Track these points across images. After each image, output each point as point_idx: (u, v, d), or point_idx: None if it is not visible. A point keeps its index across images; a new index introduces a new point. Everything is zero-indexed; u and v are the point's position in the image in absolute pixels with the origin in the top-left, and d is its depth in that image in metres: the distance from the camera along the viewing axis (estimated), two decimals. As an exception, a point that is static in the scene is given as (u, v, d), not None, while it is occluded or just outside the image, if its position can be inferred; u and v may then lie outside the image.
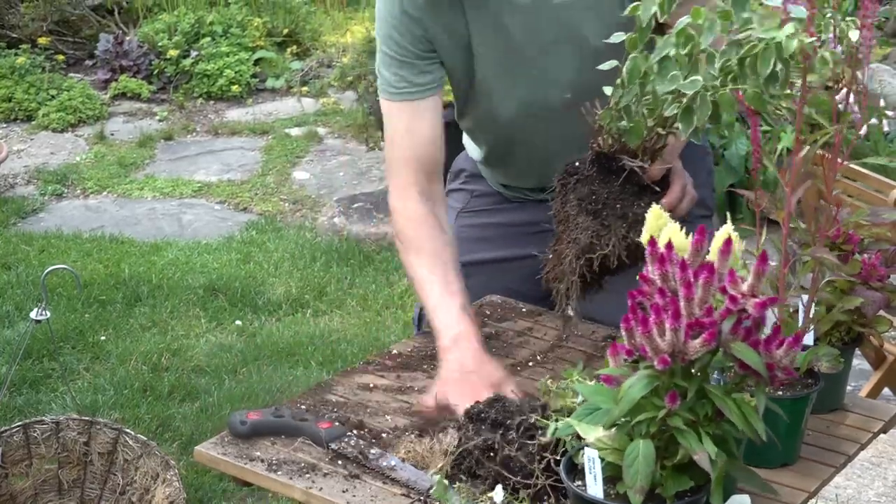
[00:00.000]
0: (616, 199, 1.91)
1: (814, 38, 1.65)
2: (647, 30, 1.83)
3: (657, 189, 1.94)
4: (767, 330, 1.52)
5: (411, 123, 2.17)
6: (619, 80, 1.86)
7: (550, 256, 1.99)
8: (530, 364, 2.08)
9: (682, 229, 1.75)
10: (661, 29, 1.84)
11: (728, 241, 1.54)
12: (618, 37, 1.85)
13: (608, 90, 1.88)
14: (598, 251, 1.89)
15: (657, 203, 1.90)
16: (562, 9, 2.06)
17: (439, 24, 2.13)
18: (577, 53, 2.09)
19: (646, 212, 1.88)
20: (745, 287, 1.50)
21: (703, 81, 1.76)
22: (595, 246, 1.90)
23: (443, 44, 2.15)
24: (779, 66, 1.69)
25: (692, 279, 1.47)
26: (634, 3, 1.84)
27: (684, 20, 1.78)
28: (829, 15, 1.66)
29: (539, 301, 2.26)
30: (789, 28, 1.66)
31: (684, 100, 1.79)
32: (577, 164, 1.95)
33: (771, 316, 1.59)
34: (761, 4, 1.72)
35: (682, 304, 1.46)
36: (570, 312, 1.99)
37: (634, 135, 1.89)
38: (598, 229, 1.90)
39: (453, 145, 2.40)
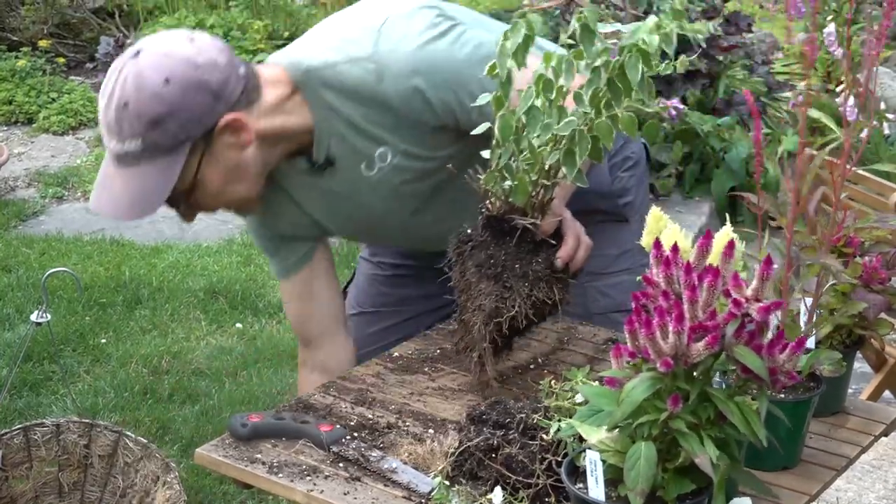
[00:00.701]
0: (514, 259, 1.92)
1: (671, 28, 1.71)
2: (508, 84, 1.87)
3: (553, 242, 1.95)
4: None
5: (284, 301, 2.39)
6: (493, 141, 1.89)
7: (457, 327, 2.01)
8: (532, 367, 2.08)
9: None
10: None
11: (731, 244, 1.54)
12: (484, 98, 1.90)
13: (486, 153, 1.91)
14: (505, 314, 1.90)
15: (554, 257, 1.93)
16: (380, 180, 2.11)
17: (286, 226, 2.24)
18: (418, 202, 2.16)
19: (545, 267, 1.91)
20: (749, 291, 1.50)
21: (576, 120, 1.79)
22: (501, 309, 1.90)
23: (300, 234, 2.25)
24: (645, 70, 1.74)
25: (696, 282, 1.47)
26: (491, 63, 1.88)
27: (539, 68, 1.82)
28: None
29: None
30: (648, 25, 1.71)
31: (562, 144, 1.82)
32: (468, 231, 1.97)
33: (773, 319, 1.58)
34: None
35: (685, 307, 1.46)
36: (487, 376, 1.99)
37: (520, 193, 1.90)
38: (501, 292, 1.91)
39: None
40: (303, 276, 2.27)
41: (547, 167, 1.87)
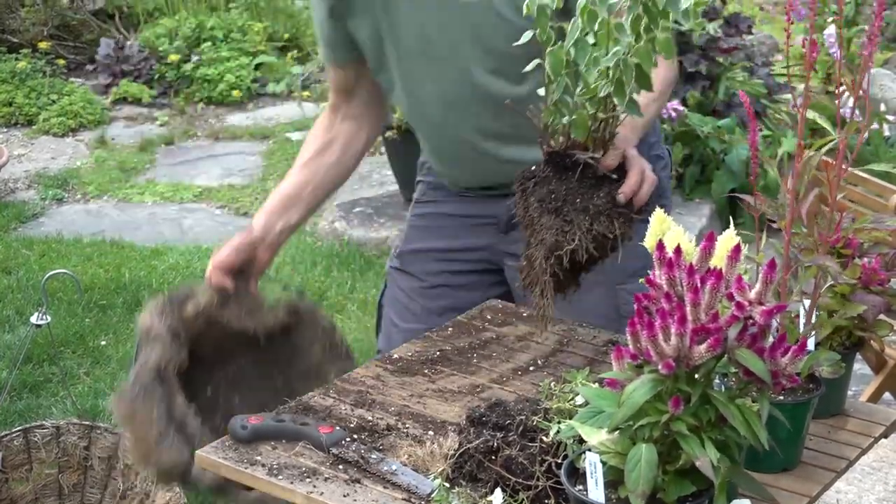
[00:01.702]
0: (575, 193, 1.91)
1: None
2: (545, 19, 1.86)
3: (616, 178, 1.94)
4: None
5: (333, 73, 2.45)
6: (546, 77, 1.88)
7: (524, 263, 2.00)
8: (531, 368, 2.08)
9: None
10: None
11: (737, 248, 1.54)
12: (527, 35, 1.89)
13: (541, 91, 1.91)
14: (565, 247, 1.89)
15: (616, 192, 1.92)
16: (467, 8, 2.14)
17: (354, 23, 2.28)
18: (485, 52, 2.18)
19: (606, 202, 1.90)
20: (752, 294, 1.50)
21: (622, 49, 1.80)
22: (561, 242, 1.89)
23: (361, 39, 2.30)
24: None
25: (699, 284, 1.47)
26: (528, 2, 1.87)
27: (582, 0, 1.82)
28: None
29: (482, 289, 2.40)
30: None
31: (611, 74, 1.82)
32: (532, 167, 1.97)
33: (774, 322, 1.58)
34: None
35: (688, 309, 1.46)
36: (549, 312, 1.97)
37: (580, 128, 1.90)
38: (561, 226, 1.90)
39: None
40: (348, 72, 2.38)
41: (603, 99, 1.86)
